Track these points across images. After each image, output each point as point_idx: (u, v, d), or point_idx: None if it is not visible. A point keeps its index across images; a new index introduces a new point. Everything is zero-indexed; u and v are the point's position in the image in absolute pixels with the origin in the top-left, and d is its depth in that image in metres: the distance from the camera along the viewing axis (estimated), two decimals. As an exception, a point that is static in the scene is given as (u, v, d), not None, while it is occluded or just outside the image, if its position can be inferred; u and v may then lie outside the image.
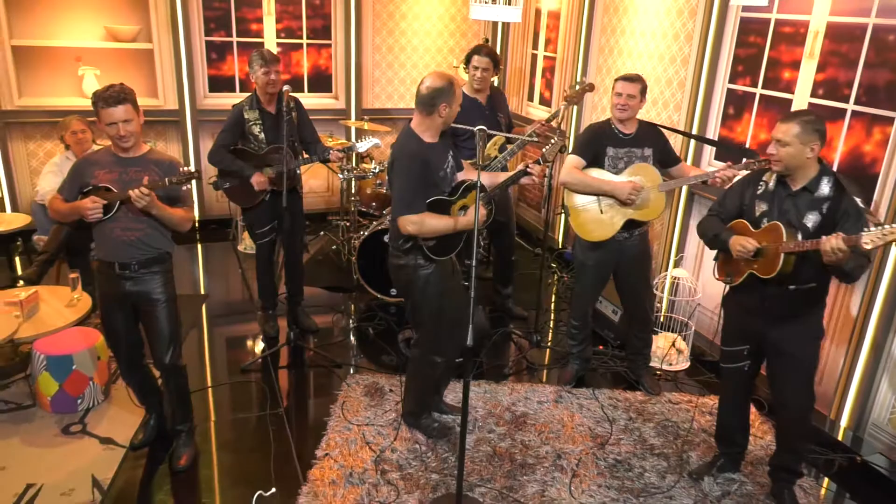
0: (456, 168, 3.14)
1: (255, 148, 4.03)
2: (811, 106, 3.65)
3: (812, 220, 2.62)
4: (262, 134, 4.01)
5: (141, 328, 3.09)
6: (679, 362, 4.22)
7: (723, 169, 3.39)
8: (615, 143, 3.56)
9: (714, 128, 4.33)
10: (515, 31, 6.62)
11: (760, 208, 2.75)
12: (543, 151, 3.52)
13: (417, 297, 3.13)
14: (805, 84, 3.69)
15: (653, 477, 3.21)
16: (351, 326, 4.61)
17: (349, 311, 4.84)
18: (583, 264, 3.80)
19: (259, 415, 3.58)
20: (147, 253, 2.93)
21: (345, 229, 5.62)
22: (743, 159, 3.27)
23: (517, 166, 3.23)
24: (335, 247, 5.66)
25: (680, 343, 4.24)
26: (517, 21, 5.77)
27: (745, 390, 3.07)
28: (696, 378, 4.13)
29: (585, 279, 3.84)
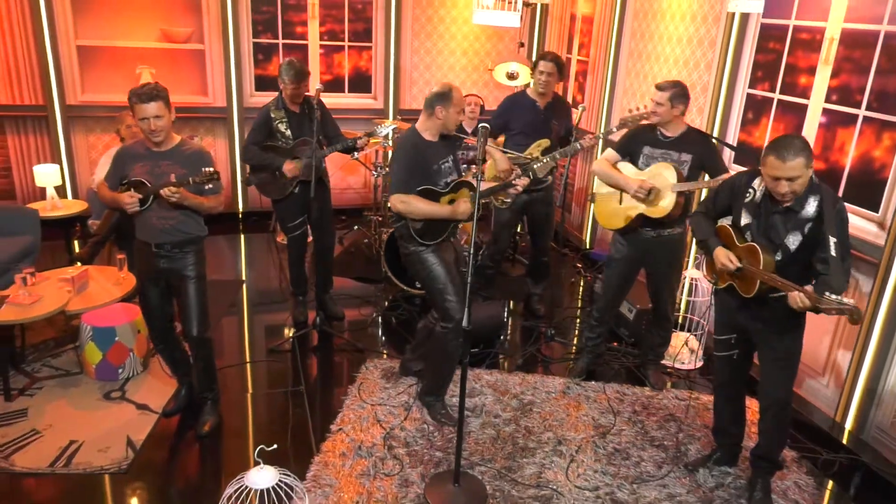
0: (455, 171, 3.46)
1: (284, 143, 4.32)
2: (825, 112, 3.70)
3: (794, 242, 2.68)
4: (289, 130, 4.31)
5: (175, 304, 3.38)
6: (692, 361, 4.29)
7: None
8: (653, 144, 3.66)
9: (734, 132, 4.39)
10: (551, 36, 6.75)
11: (745, 220, 2.82)
12: (535, 167, 4.00)
13: (424, 276, 3.43)
14: (820, 89, 3.74)
15: (649, 466, 3.32)
16: (374, 315, 4.84)
17: (376, 302, 5.07)
18: (612, 257, 3.94)
19: (282, 391, 3.84)
20: (180, 237, 3.21)
21: (376, 224, 5.86)
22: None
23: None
24: (366, 240, 5.91)
25: (692, 342, 4.31)
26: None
27: (738, 379, 3.14)
28: (709, 378, 4.18)
29: (611, 272, 3.96)
